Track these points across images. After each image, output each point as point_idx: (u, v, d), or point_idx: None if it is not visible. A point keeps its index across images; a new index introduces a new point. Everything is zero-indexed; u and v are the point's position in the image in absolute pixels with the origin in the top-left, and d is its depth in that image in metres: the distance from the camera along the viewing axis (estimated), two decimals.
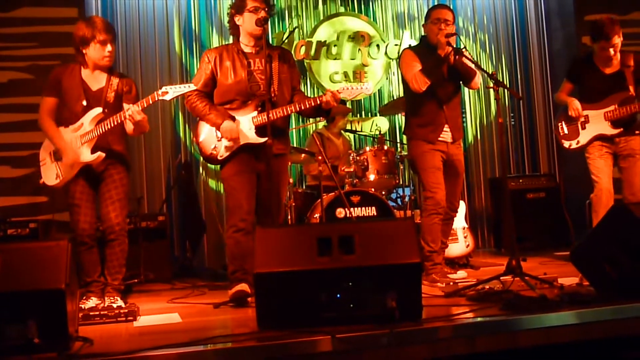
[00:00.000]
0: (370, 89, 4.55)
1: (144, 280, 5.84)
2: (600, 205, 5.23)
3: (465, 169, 7.81)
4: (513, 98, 8.26)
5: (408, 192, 6.71)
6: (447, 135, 4.97)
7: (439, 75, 4.85)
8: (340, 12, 8.11)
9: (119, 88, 4.49)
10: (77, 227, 4.41)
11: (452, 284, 4.63)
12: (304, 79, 7.80)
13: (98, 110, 4.35)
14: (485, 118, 8.33)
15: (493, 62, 8.39)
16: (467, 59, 4.78)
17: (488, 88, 4.40)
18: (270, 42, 7.57)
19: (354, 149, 7.13)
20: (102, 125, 4.30)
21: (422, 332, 3.10)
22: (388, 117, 8.01)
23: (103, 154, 4.34)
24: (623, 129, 5.31)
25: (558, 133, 5.62)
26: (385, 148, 6.35)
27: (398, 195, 6.88)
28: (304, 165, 7.21)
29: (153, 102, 4.23)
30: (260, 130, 4.43)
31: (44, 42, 6.58)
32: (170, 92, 4.21)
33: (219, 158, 4.54)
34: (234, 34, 4.68)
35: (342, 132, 7.25)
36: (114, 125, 4.30)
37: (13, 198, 6.39)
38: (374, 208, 6.10)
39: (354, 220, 5.74)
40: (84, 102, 4.38)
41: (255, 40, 4.58)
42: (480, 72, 4.77)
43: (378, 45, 8.09)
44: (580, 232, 6.78)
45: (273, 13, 4.67)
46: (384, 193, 6.48)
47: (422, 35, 5.18)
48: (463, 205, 6.25)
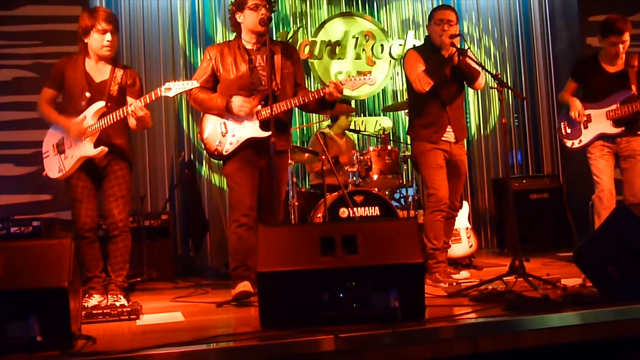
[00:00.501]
0: (374, 80, 4.53)
1: (147, 279, 5.84)
2: (602, 206, 5.25)
3: (469, 170, 7.85)
4: (517, 98, 8.24)
5: (411, 192, 6.71)
6: (450, 136, 4.97)
7: (443, 76, 4.85)
8: (345, 11, 8.11)
9: (123, 81, 4.50)
10: (78, 220, 4.43)
11: (455, 284, 4.63)
12: (308, 79, 7.79)
13: (101, 104, 4.36)
14: (489, 119, 8.32)
15: (497, 63, 8.37)
16: (471, 60, 4.78)
17: (492, 89, 4.39)
18: (272, 37, 7.59)
19: (358, 149, 7.13)
20: (105, 120, 4.31)
21: (424, 332, 3.10)
22: (391, 116, 8.01)
23: (106, 149, 4.35)
24: (625, 128, 5.32)
25: (561, 133, 5.64)
26: (389, 148, 6.34)
27: (401, 195, 6.88)
28: (307, 165, 7.21)
29: (156, 98, 4.24)
30: (265, 125, 4.42)
31: (48, 40, 6.58)
32: (174, 88, 4.21)
33: (224, 153, 4.53)
34: (236, 31, 4.68)
35: (345, 131, 7.26)
36: (117, 120, 4.31)
37: (16, 196, 6.40)
38: (377, 208, 6.10)
39: (357, 220, 5.74)
40: (87, 94, 4.40)
41: (257, 37, 4.58)
42: (484, 72, 4.77)
43: (382, 45, 8.09)
44: (583, 232, 6.74)
45: (275, 10, 4.66)
46: (387, 193, 6.49)
47: (426, 36, 5.18)
48: (466, 206, 6.24)
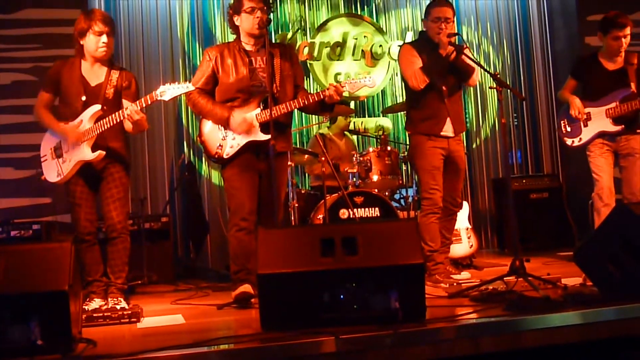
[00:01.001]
0: (373, 82, 4.52)
1: (148, 282, 5.84)
2: (602, 204, 5.26)
3: (469, 170, 7.86)
4: (516, 98, 8.23)
5: (411, 192, 6.71)
6: (449, 129, 4.93)
7: (440, 73, 4.84)
8: (344, 13, 8.11)
9: (118, 83, 4.48)
10: (78, 224, 4.43)
11: (455, 285, 4.63)
12: (307, 80, 7.78)
13: (97, 107, 4.34)
14: (489, 118, 8.32)
15: (496, 62, 8.37)
16: (468, 58, 4.77)
17: (491, 88, 4.38)
18: (270, 39, 7.59)
19: (357, 150, 7.13)
20: (101, 124, 4.29)
21: (425, 332, 3.10)
22: (391, 117, 8.00)
23: (104, 152, 4.33)
24: (624, 127, 5.32)
25: (561, 131, 5.64)
26: (389, 149, 6.35)
27: (401, 196, 6.88)
28: (307, 166, 7.20)
29: (152, 102, 4.23)
30: (265, 128, 4.41)
31: (47, 43, 6.57)
32: (168, 92, 4.19)
33: (225, 157, 4.51)
34: (235, 33, 4.68)
35: (345, 133, 7.26)
36: (114, 124, 4.29)
37: (16, 199, 6.39)
38: (377, 209, 6.10)
39: (357, 221, 5.74)
40: (83, 97, 4.38)
41: (255, 40, 4.58)
42: (483, 71, 4.75)
43: (381, 46, 8.08)
44: (584, 232, 6.77)
45: (272, 11, 4.66)
46: (387, 194, 6.48)
47: (420, 31, 5.16)
48: (466, 206, 6.24)
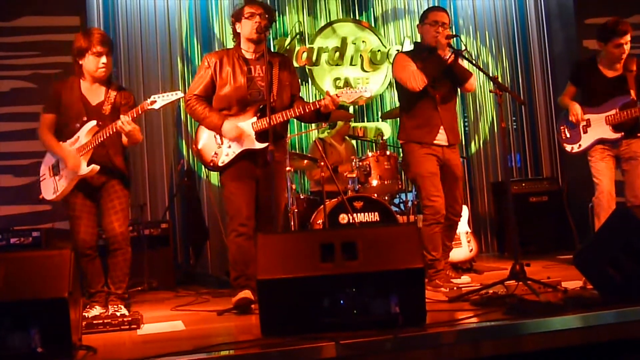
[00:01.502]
0: (369, 92, 4.54)
1: (148, 288, 5.84)
2: (602, 208, 5.24)
3: (468, 174, 7.85)
4: (515, 102, 8.23)
5: (411, 197, 6.71)
6: (442, 138, 4.94)
7: (437, 76, 4.84)
8: (341, 18, 8.12)
9: (117, 101, 4.48)
10: (78, 238, 4.39)
11: (455, 289, 4.62)
12: (306, 85, 7.79)
13: (93, 123, 4.34)
14: (488, 123, 8.32)
15: (494, 66, 8.37)
16: (467, 61, 4.76)
17: (491, 92, 4.39)
18: (272, 48, 7.60)
19: (357, 155, 7.13)
20: (96, 137, 4.29)
21: (426, 337, 3.11)
22: (390, 122, 8.00)
23: (97, 167, 4.32)
24: (624, 133, 5.31)
25: (560, 137, 5.63)
26: (388, 153, 6.34)
27: (401, 201, 6.87)
28: (307, 171, 7.20)
29: (142, 112, 4.25)
30: (261, 136, 4.44)
31: (46, 50, 6.58)
32: (159, 100, 4.21)
33: (220, 165, 4.53)
34: (237, 41, 4.68)
35: (345, 137, 7.26)
36: (109, 136, 4.29)
37: (16, 207, 6.39)
38: (377, 213, 6.09)
39: (357, 226, 5.74)
40: (85, 117, 4.38)
41: (255, 46, 4.59)
42: (482, 75, 4.76)
43: (379, 51, 8.09)
44: (583, 235, 6.77)
45: (273, 19, 4.67)
46: (387, 198, 6.48)
47: (415, 42, 5.16)
48: (466, 210, 6.23)
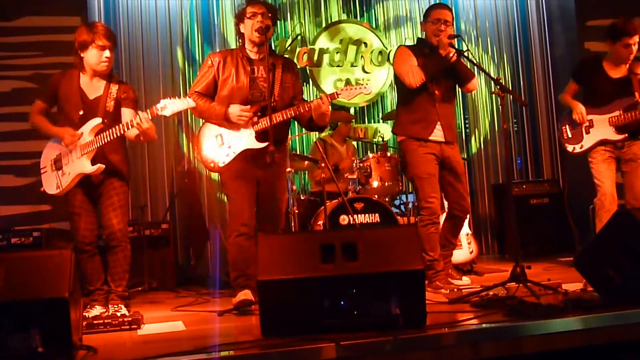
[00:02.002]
0: (369, 90, 4.53)
1: (148, 289, 5.85)
2: (603, 210, 5.22)
3: (469, 175, 7.85)
4: (516, 103, 8.24)
5: (411, 198, 6.70)
6: (439, 134, 4.91)
7: (436, 74, 4.82)
8: (343, 19, 8.12)
9: (118, 95, 4.49)
10: (77, 234, 4.42)
11: (456, 291, 4.62)
12: (307, 87, 7.80)
13: (98, 121, 4.35)
14: (489, 124, 8.32)
15: (495, 67, 8.37)
16: (469, 61, 4.74)
17: (493, 93, 4.39)
18: (273, 49, 7.59)
19: (358, 156, 7.13)
20: (102, 137, 4.30)
21: (426, 338, 3.10)
22: (391, 123, 7.98)
23: (103, 166, 4.34)
24: (628, 135, 5.30)
25: (562, 136, 5.59)
26: (389, 155, 6.35)
27: (401, 202, 6.88)
28: (308, 173, 7.20)
29: (152, 116, 4.24)
30: (260, 136, 4.45)
31: (47, 50, 6.57)
32: (169, 107, 4.20)
33: (221, 165, 4.54)
34: (242, 41, 4.68)
35: (346, 138, 7.25)
36: (115, 137, 4.29)
37: (16, 207, 6.39)
38: (377, 215, 6.09)
39: (358, 227, 5.74)
40: (81, 111, 4.38)
41: (258, 47, 4.59)
42: (484, 75, 4.74)
43: (381, 52, 8.09)
44: (584, 237, 6.76)
45: (277, 18, 4.67)
46: (387, 200, 6.48)
47: (418, 38, 5.15)
48: None
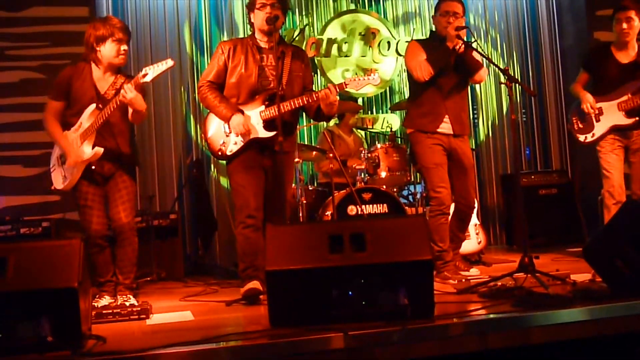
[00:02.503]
0: (377, 80, 4.51)
1: (157, 279, 5.87)
2: (612, 201, 5.21)
3: (477, 166, 7.83)
4: (524, 94, 8.22)
5: (420, 189, 6.69)
6: (447, 127, 4.89)
7: (445, 67, 4.81)
8: (351, 9, 8.10)
9: (120, 86, 4.46)
10: (90, 228, 4.37)
11: (464, 281, 4.62)
12: (315, 77, 7.77)
13: (92, 107, 4.29)
14: (497, 114, 8.30)
15: (504, 58, 8.34)
16: (478, 53, 4.73)
17: (502, 84, 4.36)
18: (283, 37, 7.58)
19: (366, 146, 7.12)
20: (98, 119, 4.24)
21: (434, 329, 3.10)
22: (399, 114, 7.99)
23: (101, 150, 4.28)
24: (638, 118, 5.27)
25: (572, 127, 5.56)
26: (397, 145, 6.33)
27: (409, 192, 6.86)
28: (315, 163, 7.20)
29: (136, 85, 4.15)
30: (269, 125, 4.44)
31: (55, 41, 6.59)
32: (150, 72, 4.15)
33: (228, 153, 4.52)
34: (252, 30, 4.67)
35: (354, 129, 7.24)
36: (109, 114, 4.22)
37: (25, 197, 6.42)
38: (386, 205, 6.08)
39: (366, 218, 5.74)
40: (98, 105, 4.33)
41: (267, 37, 4.58)
42: (493, 67, 4.71)
43: (389, 42, 8.07)
44: (593, 228, 6.75)
45: (287, 8, 4.65)
46: (396, 190, 6.47)
47: (430, 31, 5.15)
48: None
